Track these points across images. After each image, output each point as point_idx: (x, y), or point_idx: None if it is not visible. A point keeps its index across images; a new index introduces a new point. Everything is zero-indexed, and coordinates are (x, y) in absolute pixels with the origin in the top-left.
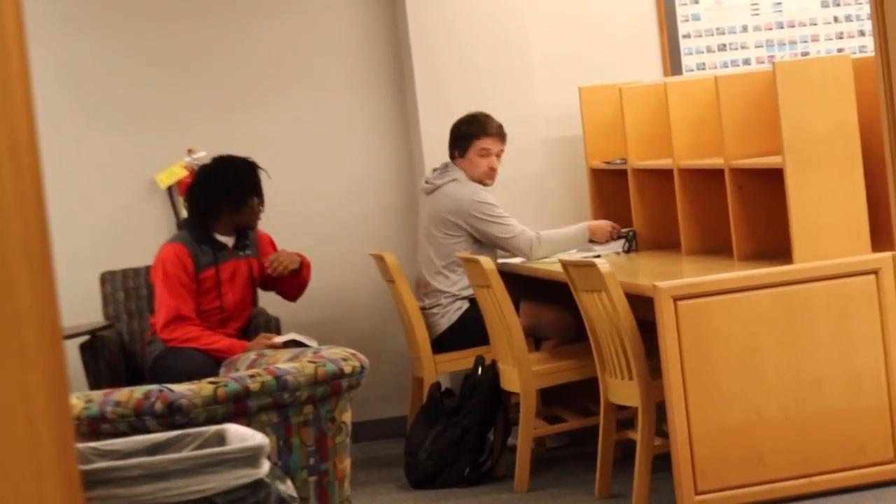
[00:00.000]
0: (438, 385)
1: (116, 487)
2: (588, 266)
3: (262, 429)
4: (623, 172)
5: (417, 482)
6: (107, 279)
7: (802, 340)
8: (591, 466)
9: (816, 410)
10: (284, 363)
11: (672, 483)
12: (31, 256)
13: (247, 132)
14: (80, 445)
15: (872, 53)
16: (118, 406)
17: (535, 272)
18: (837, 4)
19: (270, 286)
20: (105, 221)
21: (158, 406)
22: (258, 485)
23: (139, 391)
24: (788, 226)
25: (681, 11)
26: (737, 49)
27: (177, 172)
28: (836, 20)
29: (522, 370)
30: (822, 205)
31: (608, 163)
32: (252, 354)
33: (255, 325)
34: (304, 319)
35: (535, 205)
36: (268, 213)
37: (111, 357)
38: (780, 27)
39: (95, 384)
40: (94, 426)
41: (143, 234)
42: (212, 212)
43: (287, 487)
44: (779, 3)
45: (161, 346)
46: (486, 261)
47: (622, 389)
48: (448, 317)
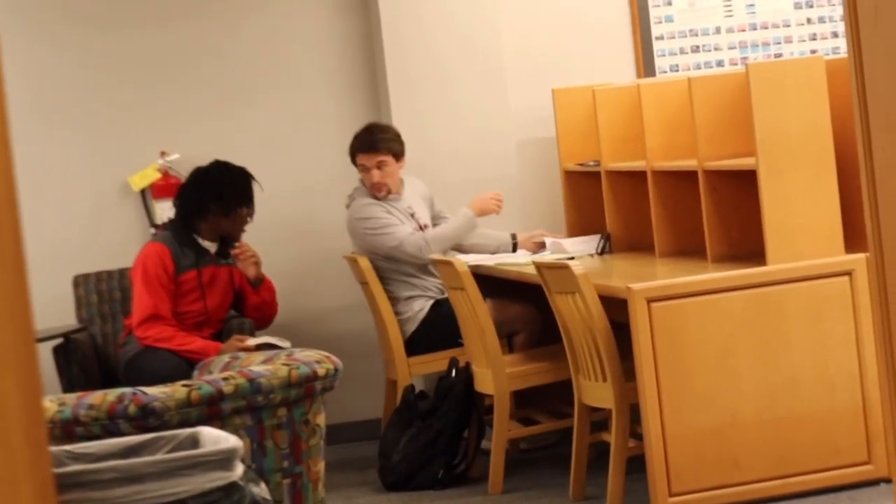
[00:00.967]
0: (412, 387)
1: (90, 491)
2: (561, 268)
3: (236, 431)
4: (596, 174)
5: (391, 484)
6: (80, 282)
7: (776, 342)
8: (566, 468)
9: (791, 412)
10: (258, 366)
11: (646, 485)
12: (4, 259)
13: (220, 135)
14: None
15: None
16: (91, 409)
17: (508, 273)
18: (811, 6)
19: (235, 303)
20: (78, 224)
21: (132, 409)
22: (232, 488)
23: (112, 394)
24: (762, 227)
25: (654, 13)
26: (710, 51)
27: (150, 175)
28: (810, 21)
29: (496, 372)
30: (796, 206)
31: (582, 165)
32: (226, 357)
33: (229, 328)
34: (278, 322)
35: (509, 207)
36: None
37: (84, 360)
38: (754, 29)
39: (69, 387)
40: (68, 429)
41: (117, 237)
42: (199, 213)
43: (261, 490)
44: (752, 5)
45: (135, 348)
46: (460, 263)
47: (596, 391)
48: (412, 318)
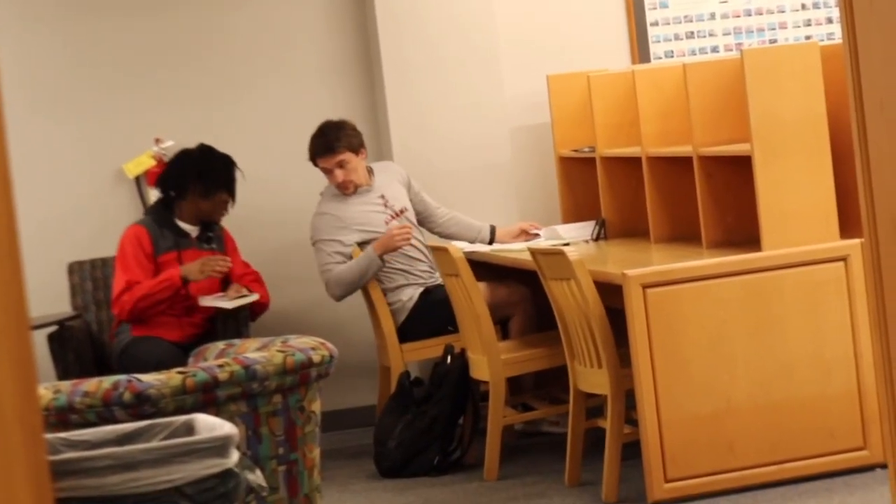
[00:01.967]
0: (407, 374)
1: (85, 478)
2: (557, 254)
3: (231, 418)
4: (591, 160)
5: (387, 471)
6: (75, 269)
7: (771, 327)
8: (561, 454)
9: (786, 397)
10: (253, 353)
11: (642, 471)
12: None
13: (215, 121)
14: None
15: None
16: (87, 396)
17: (503, 260)
18: None
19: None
20: (73, 211)
21: (127, 396)
22: (227, 474)
23: (108, 381)
24: (757, 213)
25: None
26: (705, 37)
27: (144, 162)
28: (804, 7)
29: (491, 359)
30: (791, 192)
31: (576, 151)
32: (220, 344)
33: (224, 314)
34: (273, 308)
35: (504, 193)
36: (236, 203)
37: (79, 347)
38: (749, 14)
39: (64, 375)
40: (63, 417)
41: (111, 224)
42: (180, 193)
43: (256, 477)
44: None
45: (127, 337)
46: (455, 249)
47: (591, 377)
48: (402, 308)
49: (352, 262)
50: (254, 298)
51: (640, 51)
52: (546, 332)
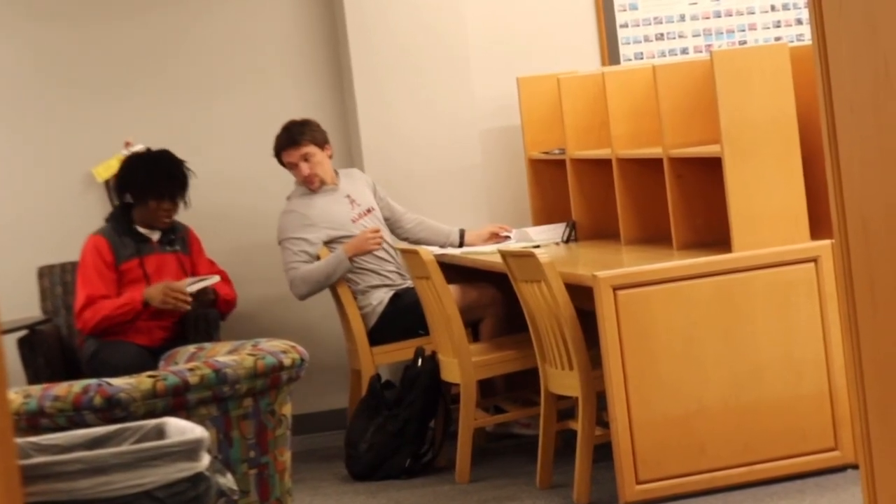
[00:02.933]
0: (378, 377)
1: (56, 482)
2: (527, 256)
3: (202, 422)
4: (562, 162)
5: (358, 474)
6: (44, 273)
7: (742, 329)
8: (533, 457)
9: (757, 399)
10: (224, 356)
11: (613, 472)
12: None
13: (184, 125)
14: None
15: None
16: (57, 401)
17: (474, 263)
18: None
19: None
20: (42, 215)
21: (97, 400)
22: (198, 478)
23: (78, 386)
24: (727, 214)
25: (618, 1)
26: (674, 38)
27: (114, 166)
28: (774, 9)
29: (462, 361)
30: (761, 193)
31: (547, 153)
32: (191, 348)
33: (194, 317)
34: (242, 311)
35: (474, 196)
36: (206, 206)
37: (49, 352)
38: (718, 16)
39: (34, 379)
40: (33, 421)
41: (81, 228)
42: (133, 200)
43: (227, 481)
44: None
45: (95, 343)
46: (426, 252)
47: (562, 379)
48: (372, 312)
49: (320, 262)
50: (214, 281)
51: (610, 53)
52: (517, 335)
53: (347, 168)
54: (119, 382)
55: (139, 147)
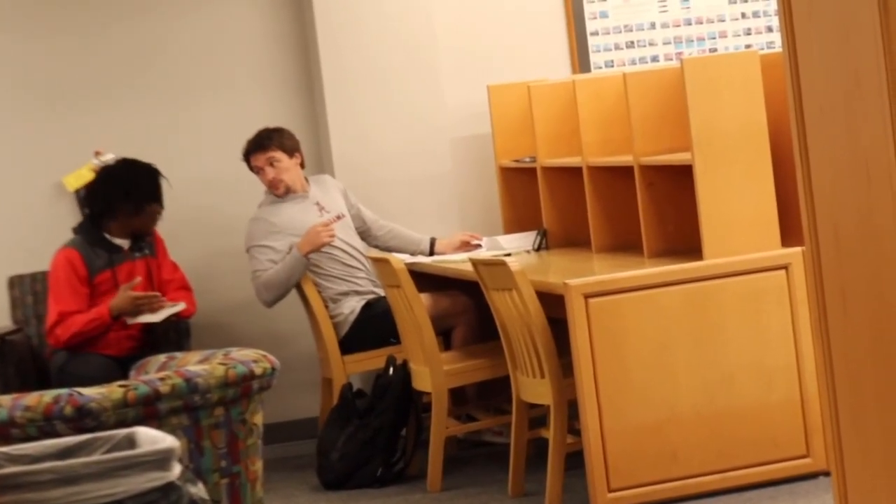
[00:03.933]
0: (350, 386)
1: (27, 492)
2: (498, 265)
3: (173, 431)
4: (532, 170)
5: (330, 483)
6: (15, 283)
7: (714, 336)
8: (504, 465)
9: (729, 406)
10: (194, 365)
11: (585, 480)
12: None
13: (154, 134)
14: None
15: (780, 49)
16: (28, 410)
17: (446, 271)
18: (745, 1)
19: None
20: (12, 224)
21: (68, 410)
22: (169, 488)
23: (49, 395)
24: (698, 222)
25: (588, 9)
26: (645, 46)
27: (84, 175)
28: (744, 16)
29: (434, 369)
30: (732, 201)
31: (517, 161)
32: (162, 357)
33: (164, 327)
34: (214, 322)
35: (444, 204)
36: (177, 214)
37: (20, 361)
38: (688, 24)
39: (4, 388)
40: (4, 431)
41: (52, 238)
42: (108, 213)
43: (198, 490)
44: (686, 0)
45: (64, 355)
46: (397, 260)
47: (534, 388)
48: (344, 321)
49: (278, 266)
50: (180, 308)
51: (581, 60)
52: (489, 343)
53: (319, 175)
54: (90, 392)
55: (110, 156)
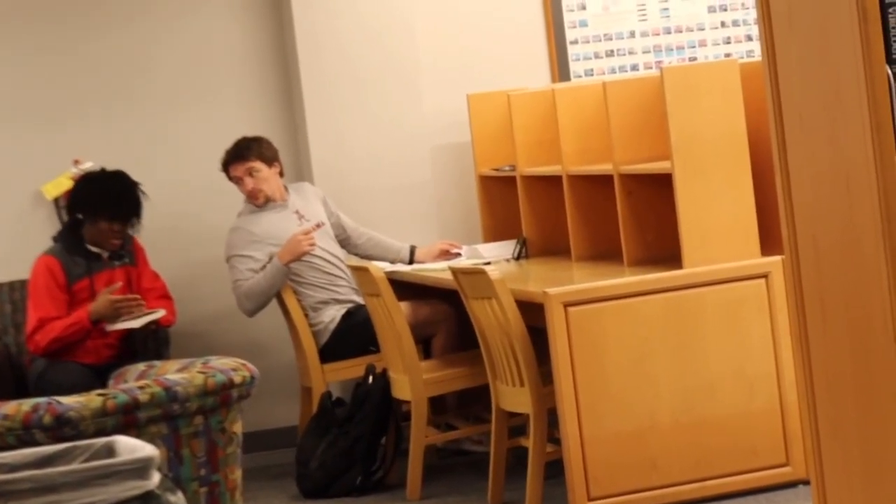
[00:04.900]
0: (329, 394)
1: (5, 501)
2: (478, 273)
3: (152, 440)
4: (512, 179)
5: (309, 492)
6: None
7: (694, 345)
8: (484, 474)
9: (708, 415)
10: (174, 374)
11: (565, 489)
12: None
13: (134, 143)
14: None
15: (759, 58)
16: (6, 419)
17: (425, 279)
18: (725, 10)
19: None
20: None
21: (47, 419)
22: (148, 496)
23: (27, 404)
24: (678, 231)
25: (568, 18)
26: (624, 55)
27: (63, 183)
28: (724, 25)
29: (413, 378)
30: (712, 209)
31: (497, 169)
32: (141, 366)
33: (143, 334)
34: (193, 330)
35: (424, 212)
36: (157, 223)
37: None
38: (668, 32)
39: None
40: None
41: (30, 246)
42: (86, 220)
43: (178, 499)
44: (666, 9)
45: (43, 363)
46: (376, 269)
47: (514, 396)
48: (324, 329)
49: (259, 276)
50: (160, 315)
51: (560, 69)
52: (468, 351)
53: (299, 183)
54: (69, 401)
55: (88, 165)
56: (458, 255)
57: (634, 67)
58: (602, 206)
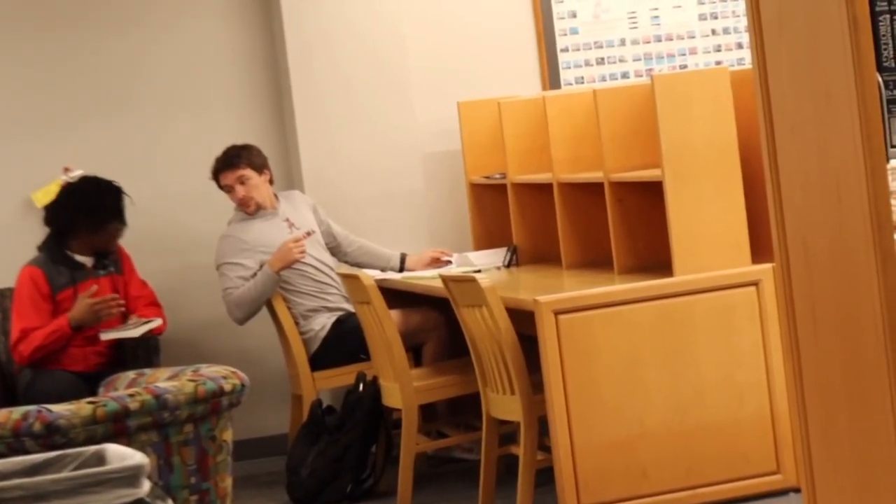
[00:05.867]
0: (320, 402)
1: None
2: (468, 281)
3: (143, 448)
4: (503, 187)
5: (299, 500)
6: None
7: (684, 353)
8: (474, 482)
9: (699, 422)
10: (164, 382)
11: (556, 497)
12: None
13: (125, 151)
14: None
15: (750, 66)
16: None
17: (416, 287)
18: (715, 17)
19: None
20: None
21: (37, 427)
22: None
23: (17, 412)
24: (668, 238)
25: (559, 25)
26: (615, 62)
27: (53, 191)
28: (714, 33)
29: (404, 386)
30: (702, 217)
31: (487, 177)
32: (131, 374)
33: (134, 342)
34: (183, 338)
35: (415, 220)
36: (147, 231)
37: None
38: (658, 40)
39: None
40: None
41: (20, 254)
42: (70, 231)
43: None
44: (656, 17)
45: (31, 372)
46: (366, 277)
47: (504, 404)
48: (314, 337)
49: (249, 283)
50: (157, 324)
51: (551, 77)
52: (459, 359)
53: (289, 191)
54: (59, 409)
55: (78, 172)
56: (449, 263)
57: (625, 75)
58: (593, 214)
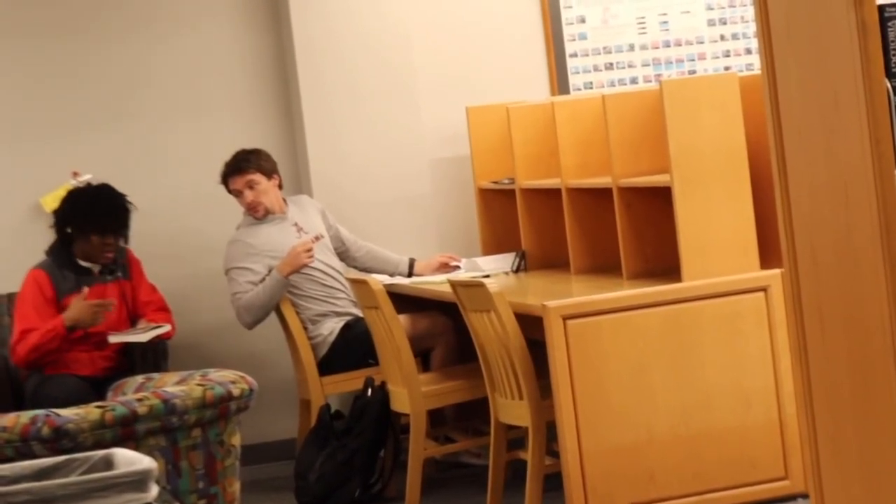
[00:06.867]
0: (328, 407)
1: None
2: (477, 286)
3: (151, 452)
4: (511, 192)
5: None
6: None
7: (692, 358)
8: (482, 487)
9: (707, 428)
10: (172, 386)
11: (563, 502)
12: None
13: (134, 156)
14: None
15: (759, 71)
16: (4, 431)
17: (424, 292)
18: (724, 23)
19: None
20: None
21: (45, 431)
22: None
23: (25, 416)
24: (677, 244)
25: (567, 31)
26: (624, 68)
27: (61, 196)
28: (723, 38)
29: (412, 391)
30: (711, 223)
31: (496, 183)
32: (139, 378)
33: (142, 346)
34: (191, 343)
35: (423, 225)
36: (156, 236)
37: None
38: (667, 46)
39: None
40: None
41: (29, 258)
42: (74, 235)
43: None
44: (665, 22)
45: (39, 377)
46: (375, 282)
47: (512, 409)
48: (323, 342)
49: (258, 288)
50: (166, 329)
51: (560, 82)
52: (467, 364)
53: (298, 196)
54: (67, 413)
55: (87, 177)
56: (457, 268)
57: (634, 80)
58: (601, 220)
